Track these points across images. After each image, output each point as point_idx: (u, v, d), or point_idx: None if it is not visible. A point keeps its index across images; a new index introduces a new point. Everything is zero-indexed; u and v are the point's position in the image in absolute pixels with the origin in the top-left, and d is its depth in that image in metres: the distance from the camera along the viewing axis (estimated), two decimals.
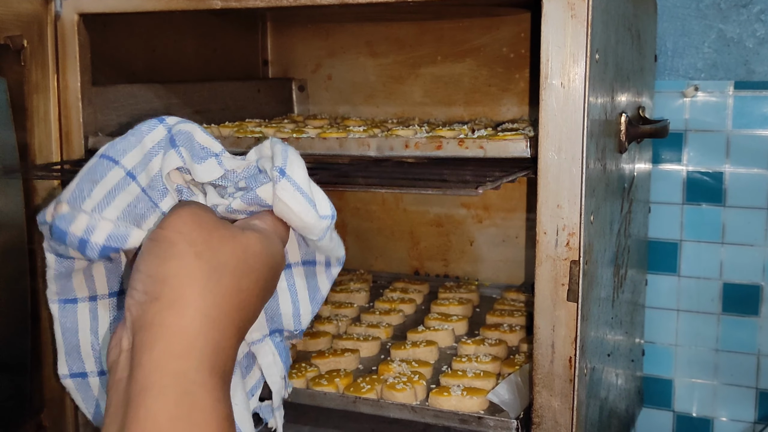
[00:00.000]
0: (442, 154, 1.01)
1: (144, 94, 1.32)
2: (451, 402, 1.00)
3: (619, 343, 1.17)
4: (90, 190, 0.60)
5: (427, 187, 0.92)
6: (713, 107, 1.36)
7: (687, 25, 1.36)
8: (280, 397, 0.72)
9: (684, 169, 1.38)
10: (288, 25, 1.68)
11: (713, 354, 1.41)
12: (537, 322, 0.93)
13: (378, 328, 1.26)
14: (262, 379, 0.71)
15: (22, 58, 1.12)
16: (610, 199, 1.04)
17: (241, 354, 0.68)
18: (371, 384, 1.05)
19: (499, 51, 1.51)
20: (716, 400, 1.42)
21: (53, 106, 1.16)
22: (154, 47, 1.40)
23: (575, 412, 0.93)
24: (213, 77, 1.53)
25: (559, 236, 0.91)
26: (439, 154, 1.01)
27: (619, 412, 1.21)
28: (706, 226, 1.38)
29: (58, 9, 1.14)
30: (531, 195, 1.41)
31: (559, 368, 0.93)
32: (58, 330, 0.67)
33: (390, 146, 1.04)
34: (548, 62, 0.89)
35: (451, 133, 1.10)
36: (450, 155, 1.01)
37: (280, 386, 0.71)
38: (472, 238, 1.57)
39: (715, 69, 1.36)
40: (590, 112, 0.90)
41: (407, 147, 1.02)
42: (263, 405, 0.72)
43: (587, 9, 0.87)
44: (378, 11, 1.44)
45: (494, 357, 1.13)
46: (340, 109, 1.64)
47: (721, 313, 1.39)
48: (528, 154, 0.97)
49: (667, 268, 1.41)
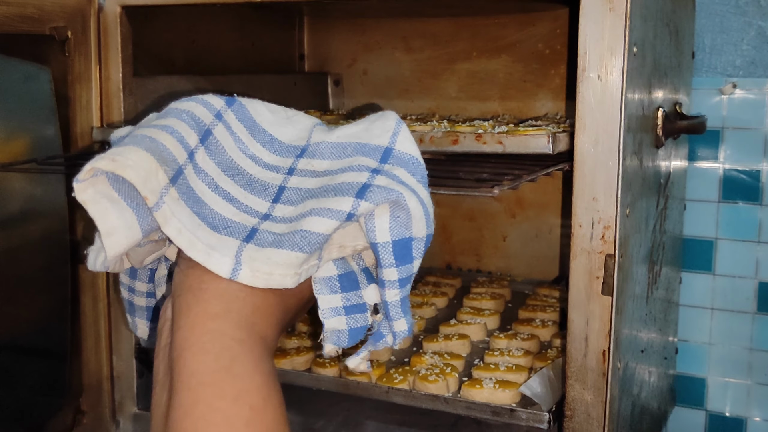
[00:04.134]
0: (459, 149, 0.97)
1: (183, 86, 1.34)
2: (483, 394, 1.00)
3: (652, 340, 1.16)
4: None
5: (439, 186, 0.86)
6: (751, 105, 1.34)
7: (726, 22, 1.35)
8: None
9: (720, 166, 1.37)
10: (324, 21, 1.69)
11: (747, 353, 1.39)
12: (571, 316, 0.93)
13: None
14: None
15: (66, 49, 1.14)
16: (646, 194, 1.03)
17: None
18: (404, 375, 1.06)
19: (534, 47, 1.50)
20: (750, 400, 1.40)
21: (95, 96, 1.18)
22: (193, 39, 1.41)
23: (608, 406, 0.93)
24: (250, 70, 1.55)
25: (594, 229, 0.91)
26: (455, 150, 0.97)
27: (652, 409, 1.20)
28: (742, 224, 1.37)
29: (102, 1, 1.16)
30: (566, 190, 1.41)
31: (592, 362, 0.93)
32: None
33: None
34: (586, 55, 0.89)
35: (470, 128, 1.06)
36: (467, 151, 0.97)
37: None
38: (505, 233, 1.57)
39: (754, 66, 1.34)
40: (627, 106, 0.89)
41: (422, 142, 0.98)
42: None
43: (626, 2, 0.87)
44: (415, 7, 1.44)
45: (526, 351, 1.12)
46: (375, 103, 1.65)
47: (756, 312, 1.38)
48: (550, 150, 0.92)
49: (701, 266, 1.40)
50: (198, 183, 0.60)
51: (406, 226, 0.59)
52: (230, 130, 0.63)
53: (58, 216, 1.18)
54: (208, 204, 0.59)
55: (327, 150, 0.63)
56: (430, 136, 0.98)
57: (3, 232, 1.11)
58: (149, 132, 0.59)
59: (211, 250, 0.55)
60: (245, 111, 0.65)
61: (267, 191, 0.62)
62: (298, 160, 0.64)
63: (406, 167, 0.61)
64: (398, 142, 0.62)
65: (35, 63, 1.13)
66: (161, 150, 0.57)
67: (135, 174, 0.54)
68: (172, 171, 0.57)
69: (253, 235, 0.58)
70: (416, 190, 0.60)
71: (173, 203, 0.57)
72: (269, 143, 0.65)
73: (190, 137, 0.60)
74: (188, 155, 0.60)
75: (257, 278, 0.55)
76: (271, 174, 0.63)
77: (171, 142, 0.58)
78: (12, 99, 1.12)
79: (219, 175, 0.61)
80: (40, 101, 1.15)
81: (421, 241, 0.60)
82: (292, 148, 0.65)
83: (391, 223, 0.58)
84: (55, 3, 1.11)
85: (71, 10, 1.13)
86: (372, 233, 0.58)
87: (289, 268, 0.56)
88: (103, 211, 0.56)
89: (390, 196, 0.57)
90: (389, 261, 0.59)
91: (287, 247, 0.56)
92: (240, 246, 0.56)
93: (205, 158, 0.61)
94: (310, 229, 0.57)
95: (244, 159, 0.63)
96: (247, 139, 0.64)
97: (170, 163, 0.58)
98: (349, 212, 0.57)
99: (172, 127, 0.60)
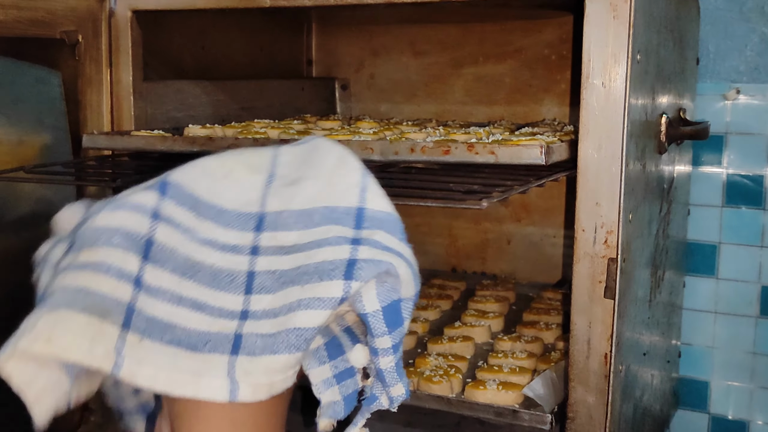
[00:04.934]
0: (451, 159, 0.94)
1: (192, 90, 1.35)
2: (486, 395, 1.00)
3: (655, 343, 1.16)
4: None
5: (426, 198, 0.86)
6: (755, 110, 1.34)
7: (730, 28, 1.35)
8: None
9: (724, 171, 1.37)
10: (332, 26, 1.70)
11: (751, 357, 1.39)
12: (574, 318, 0.93)
13: (415, 323, 1.26)
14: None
15: (76, 53, 1.15)
16: (649, 199, 1.03)
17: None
18: (409, 376, 1.06)
19: (540, 53, 1.51)
20: (753, 404, 1.40)
21: (106, 100, 1.18)
22: (203, 45, 1.42)
23: (610, 408, 0.93)
24: (259, 75, 1.55)
25: (597, 234, 0.91)
26: (447, 160, 0.94)
27: (654, 412, 1.20)
28: (745, 229, 1.37)
29: (113, 5, 1.17)
30: (570, 194, 1.41)
31: (594, 364, 0.93)
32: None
33: (394, 151, 0.97)
34: (590, 62, 0.89)
35: (465, 136, 1.04)
36: (459, 161, 0.94)
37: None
38: (509, 236, 1.57)
39: (758, 72, 1.35)
40: (631, 112, 0.90)
41: (413, 151, 0.96)
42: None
43: (630, 10, 0.87)
44: (422, 13, 1.44)
45: (530, 353, 1.13)
46: (382, 108, 1.65)
47: (759, 316, 1.38)
48: (543, 162, 0.90)
49: (705, 270, 1.40)
50: (158, 306, 0.53)
51: (394, 290, 0.55)
52: (173, 223, 0.56)
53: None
54: (178, 324, 0.53)
55: (291, 220, 0.57)
56: (422, 146, 0.96)
57: (16, 233, 1.12)
58: (80, 280, 0.52)
59: (199, 378, 0.51)
60: (182, 190, 0.57)
61: (235, 282, 0.55)
62: (260, 235, 0.57)
63: (385, 228, 0.56)
64: (368, 200, 0.57)
65: (45, 67, 1.14)
66: (99, 301, 0.51)
67: (78, 349, 0.49)
68: (120, 316, 0.52)
69: (239, 344, 0.52)
70: (402, 253, 0.56)
71: (136, 350, 0.51)
72: (218, 216, 0.58)
73: (128, 263, 0.53)
74: (133, 285, 0.53)
75: (259, 392, 0.51)
76: (233, 258, 0.56)
77: (108, 285, 0.52)
78: (22, 102, 1.13)
79: (179, 284, 0.55)
80: (51, 105, 1.16)
81: (409, 300, 0.56)
82: (244, 216, 0.58)
83: (378, 290, 0.54)
84: (65, 7, 1.12)
85: (82, 14, 1.14)
86: (360, 304, 0.54)
87: (289, 370, 0.53)
88: (30, 379, 0.51)
89: (380, 268, 0.54)
90: (381, 330, 0.55)
91: (283, 351, 0.52)
92: (230, 362, 0.51)
93: (156, 273, 0.54)
94: (303, 326, 0.52)
95: (200, 249, 0.56)
96: (195, 223, 0.57)
97: (115, 308, 0.52)
98: (341, 297, 0.53)
99: (105, 262, 0.53)
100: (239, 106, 1.43)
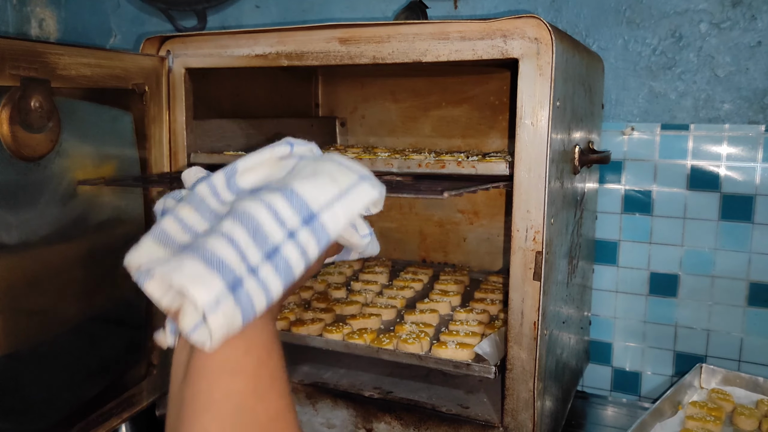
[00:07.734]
0: (445, 171, 1.00)
1: (229, 126, 1.34)
2: (447, 353, 1.00)
3: (571, 314, 1.17)
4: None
5: (403, 191, 0.87)
6: (645, 143, 1.35)
7: (626, 82, 1.37)
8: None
9: (623, 188, 1.38)
10: (334, 79, 1.70)
11: (642, 325, 1.40)
12: (511, 296, 0.94)
13: (395, 299, 1.27)
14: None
15: (143, 99, 1.14)
16: (567, 207, 1.04)
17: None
18: (390, 339, 1.07)
19: (487, 99, 1.51)
20: (644, 359, 1.41)
21: (165, 134, 1.18)
22: (237, 92, 1.42)
23: (537, 362, 0.94)
24: (279, 114, 1.55)
25: (528, 233, 0.92)
26: (443, 172, 1.01)
27: (571, 365, 1.21)
28: (638, 230, 1.38)
29: (171, 64, 1.17)
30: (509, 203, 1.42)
31: (526, 329, 0.94)
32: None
33: (408, 165, 1.04)
34: (522, 107, 0.90)
35: (452, 158, 1.10)
36: (451, 173, 1.00)
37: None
38: (465, 235, 1.57)
39: (647, 114, 1.36)
40: (552, 144, 0.90)
41: (420, 166, 1.03)
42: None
43: (551, 69, 0.88)
44: (400, 69, 1.44)
45: (480, 322, 1.13)
46: (371, 140, 1.65)
47: (648, 294, 1.39)
48: (507, 172, 0.97)
49: (609, 260, 1.41)
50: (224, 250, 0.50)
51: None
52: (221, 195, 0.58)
53: (136, 222, 1.18)
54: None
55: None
56: (426, 162, 1.02)
57: (97, 234, 1.12)
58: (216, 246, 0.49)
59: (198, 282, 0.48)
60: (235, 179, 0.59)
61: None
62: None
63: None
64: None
65: (121, 109, 1.13)
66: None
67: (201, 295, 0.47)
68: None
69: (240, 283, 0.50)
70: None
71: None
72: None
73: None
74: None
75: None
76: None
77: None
78: (103, 135, 1.12)
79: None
80: (124, 137, 1.15)
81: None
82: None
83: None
84: (136, 66, 1.12)
85: (148, 71, 1.14)
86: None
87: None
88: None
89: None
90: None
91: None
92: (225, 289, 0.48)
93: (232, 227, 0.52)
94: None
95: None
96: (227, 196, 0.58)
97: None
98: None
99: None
100: (264, 137, 1.42)
